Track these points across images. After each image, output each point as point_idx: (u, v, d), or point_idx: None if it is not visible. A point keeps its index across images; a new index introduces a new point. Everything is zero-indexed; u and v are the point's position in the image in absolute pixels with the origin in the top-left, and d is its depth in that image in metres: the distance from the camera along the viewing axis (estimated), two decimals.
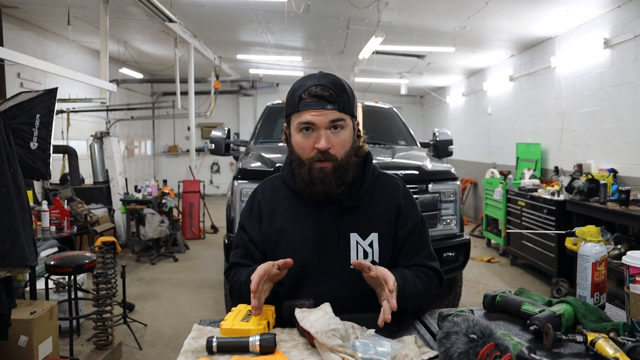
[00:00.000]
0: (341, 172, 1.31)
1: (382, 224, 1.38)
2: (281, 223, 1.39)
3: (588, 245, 1.30)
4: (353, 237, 1.36)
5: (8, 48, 4.87)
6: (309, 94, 1.29)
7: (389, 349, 1.00)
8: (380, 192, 1.42)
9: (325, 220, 1.37)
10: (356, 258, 1.34)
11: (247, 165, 3.56)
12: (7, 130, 2.34)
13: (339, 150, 1.31)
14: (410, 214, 1.42)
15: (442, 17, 5.88)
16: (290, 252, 1.33)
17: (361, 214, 1.38)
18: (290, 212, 1.40)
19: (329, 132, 1.30)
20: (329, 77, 1.33)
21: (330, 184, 1.30)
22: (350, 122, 1.34)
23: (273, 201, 1.43)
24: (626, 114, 4.76)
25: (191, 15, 6.72)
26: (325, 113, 1.28)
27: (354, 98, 1.38)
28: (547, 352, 1.05)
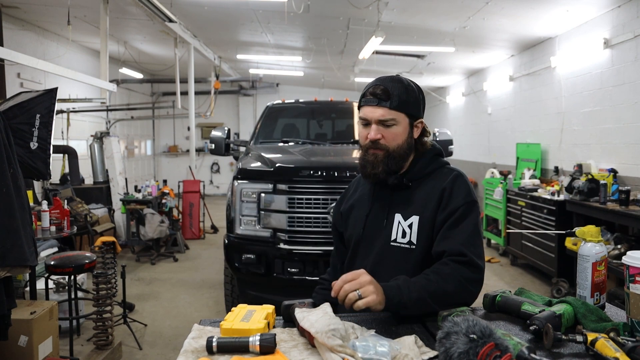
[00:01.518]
0: (391, 160, 1.48)
1: (425, 209, 1.48)
2: (352, 202, 1.65)
3: (588, 245, 1.30)
4: (397, 217, 1.50)
5: (8, 48, 4.87)
6: (369, 93, 1.49)
7: (388, 349, 1.00)
8: (434, 179, 1.53)
9: (378, 199, 1.56)
10: (395, 236, 1.49)
11: (247, 165, 3.56)
12: (7, 130, 2.34)
13: (390, 141, 1.48)
14: (454, 199, 1.45)
15: (442, 17, 5.88)
16: (352, 224, 1.60)
17: (407, 197, 1.52)
18: (360, 194, 1.65)
19: (380, 126, 1.48)
20: (393, 81, 1.51)
21: (379, 168, 1.48)
22: (405, 120, 1.50)
23: (357, 186, 1.70)
24: (626, 114, 4.76)
25: (191, 15, 6.72)
26: (376, 110, 1.47)
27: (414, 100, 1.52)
28: (547, 352, 1.05)
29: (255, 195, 3.36)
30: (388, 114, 1.46)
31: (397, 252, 1.46)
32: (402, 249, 1.46)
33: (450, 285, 1.30)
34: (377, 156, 1.49)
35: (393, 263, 1.45)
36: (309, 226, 3.29)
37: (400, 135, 1.49)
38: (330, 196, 3.27)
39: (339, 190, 3.27)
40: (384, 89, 1.47)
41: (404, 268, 1.41)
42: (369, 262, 1.49)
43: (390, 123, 1.47)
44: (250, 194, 3.38)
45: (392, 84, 1.49)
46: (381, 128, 1.47)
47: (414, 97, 1.51)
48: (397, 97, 1.46)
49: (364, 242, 1.55)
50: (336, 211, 1.72)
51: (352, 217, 1.62)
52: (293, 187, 3.30)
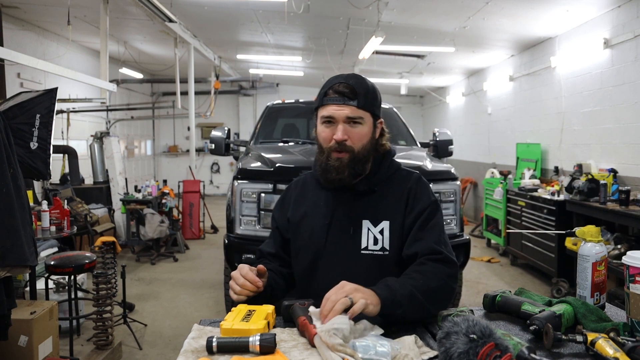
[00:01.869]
0: (356, 163, 1.42)
1: (394, 213, 1.44)
2: (304, 209, 1.52)
3: (588, 245, 1.30)
4: (365, 224, 1.43)
5: (8, 48, 4.87)
6: (333, 90, 1.41)
7: (389, 349, 1.00)
8: (396, 183, 1.50)
9: (340, 206, 1.46)
10: (367, 244, 1.42)
11: (247, 165, 3.56)
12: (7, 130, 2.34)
13: (356, 142, 1.41)
14: (419, 200, 1.46)
15: (442, 17, 5.88)
16: (309, 235, 1.48)
17: (374, 202, 1.46)
18: (313, 200, 1.52)
19: (347, 125, 1.40)
20: (356, 78, 1.44)
21: (344, 173, 1.41)
22: (370, 120, 1.44)
23: (302, 191, 1.58)
24: (626, 114, 4.76)
25: (191, 15, 6.72)
26: (344, 108, 1.39)
27: (378, 99, 1.48)
28: (547, 352, 1.05)
29: (255, 195, 3.36)
30: (356, 112, 1.40)
31: (370, 260, 1.40)
32: (374, 257, 1.41)
33: (434, 281, 1.30)
34: (341, 160, 1.40)
35: (365, 272, 1.37)
36: None
37: (366, 136, 1.43)
38: None
39: None
40: (349, 86, 1.40)
41: (378, 275, 1.31)
42: (335, 274, 1.33)
43: (358, 121, 1.41)
44: (250, 194, 3.38)
45: (355, 81, 1.42)
46: (347, 128, 1.40)
47: (376, 96, 1.47)
48: (363, 95, 1.41)
49: (326, 253, 1.44)
50: (281, 216, 1.58)
51: (306, 227, 1.49)
52: None
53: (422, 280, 1.29)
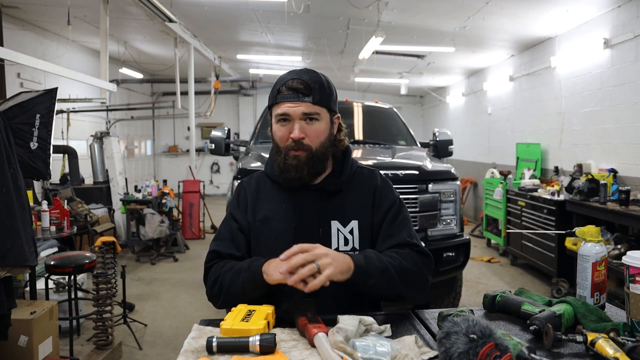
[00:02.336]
0: (315, 161, 1.37)
1: (362, 211, 1.42)
2: (264, 212, 1.44)
3: (588, 245, 1.30)
4: (334, 225, 1.40)
5: (8, 48, 4.87)
6: (286, 87, 1.36)
7: (389, 349, 1.00)
8: (359, 181, 1.47)
9: (306, 207, 1.41)
10: (337, 245, 1.39)
11: (247, 165, 3.56)
12: (7, 130, 2.34)
13: (314, 140, 1.37)
14: (385, 197, 1.46)
15: (442, 17, 5.88)
16: (272, 240, 1.40)
17: (341, 201, 1.42)
18: (273, 202, 1.45)
19: (304, 123, 1.36)
20: (309, 73, 1.39)
21: (303, 171, 1.36)
22: (326, 115, 1.40)
23: (258, 193, 1.48)
24: (626, 114, 4.76)
25: (191, 15, 6.72)
26: (299, 105, 1.35)
27: (333, 94, 1.43)
28: (547, 352, 1.05)
29: None
30: (311, 108, 1.35)
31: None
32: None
33: (409, 264, 1.33)
34: (299, 159, 1.36)
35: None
36: None
37: (323, 132, 1.39)
38: None
39: None
40: (303, 82, 1.36)
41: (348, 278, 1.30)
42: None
43: (314, 118, 1.36)
44: None
45: (308, 76, 1.38)
46: (304, 125, 1.36)
47: (332, 91, 1.42)
48: (318, 90, 1.36)
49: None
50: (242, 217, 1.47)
51: (269, 231, 1.42)
52: None
53: (400, 260, 1.32)
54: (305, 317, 1.14)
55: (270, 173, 1.48)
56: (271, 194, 1.47)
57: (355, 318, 1.11)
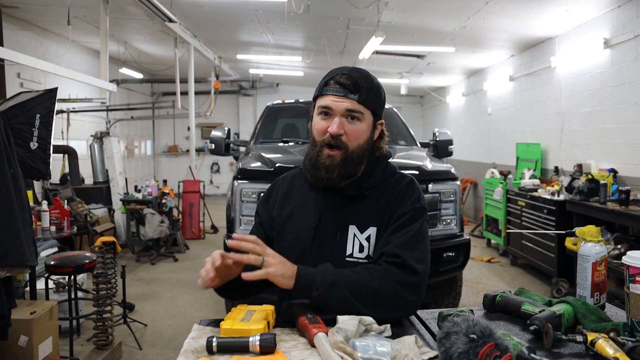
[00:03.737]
0: (348, 163, 1.32)
1: (382, 218, 1.35)
2: (290, 209, 1.44)
3: (588, 245, 1.30)
4: (351, 230, 1.36)
5: (8, 48, 4.87)
6: (334, 81, 1.33)
7: (389, 349, 1.00)
8: (388, 189, 1.39)
9: (328, 209, 1.38)
10: (352, 250, 1.35)
11: (247, 165, 3.56)
12: (7, 130, 2.34)
13: (352, 140, 1.32)
14: (402, 204, 1.35)
15: (442, 17, 5.88)
16: (294, 237, 1.40)
17: (364, 207, 1.38)
18: (301, 200, 1.44)
19: (345, 120, 1.32)
20: (360, 72, 1.35)
21: (334, 172, 1.32)
22: (369, 118, 1.35)
23: (289, 189, 1.48)
24: (626, 114, 4.76)
25: (191, 15, 6.72)
26: (344, 100, 1.31)
27: (382, 98, 1.39)
28: (547, 352, 1.05)
29: (255, 195, 3.36)
30: (356, 106, 1.31)
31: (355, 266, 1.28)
32: (359, 265, 1.30)
33: (377, 282, 1.21)
34: (333, 159, 1.31)
35: None
36: None
37: (363, 134, 1.34)
38: None
39: None
40: (353, 78, 1.31)
41: None
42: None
43: (356, 117, 1.32)
44: (250, 194, 3.38)
45: (359, 74, 1.33)
46: (344, 122, 1.31)
47: (380, 94, 1.38)
48: (365, 90, 1.32)
49: (310, 257, 1.35)
50: (266, 212, 1.49)
51: (292, 227, 1.41)
52: None
53: (364, 276, 1.22)
54: (305, 317, 1.13)
55: (303, 170, 1.46)
56: (301, 191, 1.46)
57: (355, 318, 1.11)
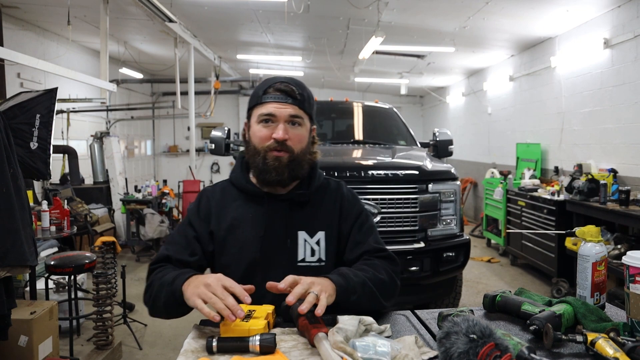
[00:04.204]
0: (296, 165, 1.37)
1: (329, 223, 1.43)
2: (230, 221, 1.41)
3: (588, 245, 1.30)
4: (301, 235, 1.40)
5: (8, 48, 4.86)
6: (274, 89, 1.37)
7: (389, 349, 1.00)
8: (326, 193, 1.48)
9: (273, 217, 1.40)
10: (303, 255, 1.39)
11: None
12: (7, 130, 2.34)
13: (296, 143, 1.37)
14: (352, 207, 1.47)
15: (442, 17, 5.88)
16: (238, 249, 1.39)
17: (309, 212, 1.42)
18: (240, 211, 1.43)
19: (288, 125, 1.36)
20: (295, 80, 1.41)
21: (284, 174, 1.35)
22: (308, 122, 1.42)
23: (222, 201, 1.45)
24: (626, 114, 4.76)
25: (191, 15, 6.72)
26: (286, 107, 1.35)
27: (314, 105, 1.46)
28: (547, 352, 1.05)
29: None
30: (298, 111, 1.37)
31: (306, 272, 1.31)
32: (311, 268, 1.38)
33: (382, 274, 1.34)
34: (280, 160, 1.35)
35: None
36: None
37: (305, 138, 1.40)
38: None
39: None
40: (292, 85, 1.37)
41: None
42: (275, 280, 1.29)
43: (297, 122, 1.37)
44: None
45: (295, 82, 1.40)
46: (288, 128, 1.36)
47: (314, 102, 1.46)
48: (304, 97, 1.39)
49: (260, 267, 1.37)
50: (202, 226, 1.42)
51: (234, 241, 1.40)
52: None
53: (372, 272, 1.33)
54: (305, 317, 1.13)
55: (237, 181, 1.46)
56: (237, 203, 1.44)
57: (355, 318, 1.11)
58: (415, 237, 3.38)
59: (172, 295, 1.22)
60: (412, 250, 3.29)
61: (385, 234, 3.31)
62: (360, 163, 3.58)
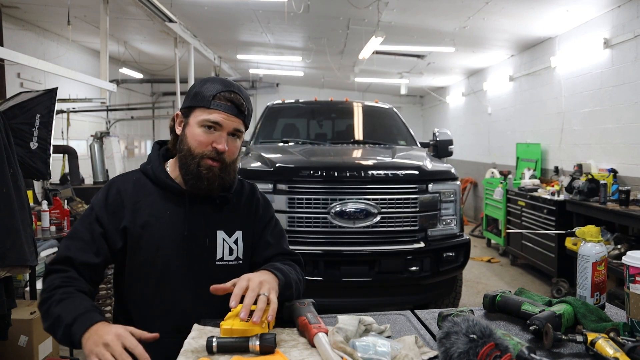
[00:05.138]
0: (226, 174, 1.38)
1: (246, 222, 1.47)
2: (146, 218, 1.37)
3: (588, 245, 1.30)
4: (219, 235, 1.41)
5: (8, 48, 4.86)
6: (224, 97, 1.34)
7: (389, 349, 1.00)
8: (242, 194, 1.51)
9: (193, 216, 1.39)
10: (222, 254, 1.41)
11: (247, 165, 3.56)
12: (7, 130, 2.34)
13: (231, 155, 1.38)
14: (266, 209, 1.53)
15: (442, 17, 5.88)
16: (155, 248, 1.36)
17: (227, 213, 1.44)
18: (156, 207, 1.39)
19: (229, 137, 1.36)
20: (242, 90, 1.40)
21: (215, 183, 1.36)
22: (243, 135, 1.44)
23: (136, 195, 1.39)
24: (626, 114, 4.76)
25: (191, 15, 6.72)
26: (233, 120, 1.35)
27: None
28: (547, 352, 1.05)
29: None
30: (241, 126, 1.38)
31: (224, 270, 1.38)
32: (229, 267, 1.40)
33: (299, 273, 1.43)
34: (213, 170, 1.34)
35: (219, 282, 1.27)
36: (309, 226, 3.30)
37: (239, 149, 1.42)
38: (330, 196, 3.27)
39: (339, 190, 3.27)
40: (242, 99, 1.36)
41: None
42: (188, 286, 1.36)
43: (237, 135, 1.38)
44: None
45: (244, 95, 1.39)
46: (229, 140, 1.36)
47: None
48: (249, 111, 1.39)
49: (179, 267, 1.37)
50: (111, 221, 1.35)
51: (151, 238, 1.35)
52: (293, 187, 3.31)
53: (293, 271, 1.40)
54: (305, 317, 1.14)
55: (155, 176, 1.41)
56: (152, 198, 1.39)
57: (355, 318, 1.11)
58: (415, 237, 3.37)
59: (68, 338, 1.14)
60: (412, 250, 3.29)
61: (385, 234, 3.32)
62: (360, 163, 3.58)
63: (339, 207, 3.25)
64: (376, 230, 3.30)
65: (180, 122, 1.44)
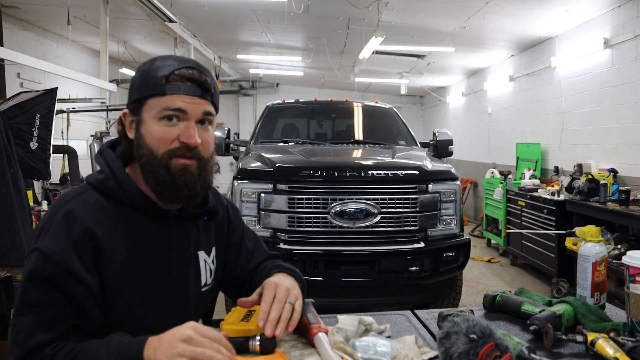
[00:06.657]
0: (205, 174, 1.07)
1: (219, 236, 1.25)
2: (125, 254, 1.02)
3: (588, 245, 1.30)
4: (201, 256, 1.17)
5: (8, 48, 4.87)
6: (180, 76, 1.02)
7: (389, 349, 1.00)
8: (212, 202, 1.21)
9: (174, 240, 1.10)
10: (205, 279, 1.19)
11: (247, 165, 3.56)
12: (7, 130, 2.34)
13: (207, 148, 1.07)
14: (238, 219, 1.33)
15: (442, 17, 5.88)
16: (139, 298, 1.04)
17: (202, 228, 1.19)
18: (132, 237, 1.04)
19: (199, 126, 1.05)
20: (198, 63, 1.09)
21: (196, 186, 1.06)
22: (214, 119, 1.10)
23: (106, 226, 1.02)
24: (626, 114, 4.76)
25: (191, 15, 6.72)
26: (200, 102, 1.04)
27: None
28: (547, 352, 1.05)
29: (255, 195, 3.36)
30: (211, 108, 1.07)
31: (205, 296, 1.20)
32: (209, 291, 1.21)
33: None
34: (188, 170, 1.03)
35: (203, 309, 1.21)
36: (309, 226, 3.29)
37: (213, 140, 1.10)
38: (330, 196, 3.26)
39: (339, 190, 3.27)
40: (203, 74, 1.05)
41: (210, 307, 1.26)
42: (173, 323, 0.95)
43: (209, 120, 1.07)
44: (250, 194, 3.38)
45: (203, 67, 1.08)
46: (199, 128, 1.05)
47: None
48: (214, 87, 1.07)
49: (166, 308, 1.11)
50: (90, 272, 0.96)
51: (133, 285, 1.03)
52: (293, 187, 3.31)
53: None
54: (305, 317, 1.14)
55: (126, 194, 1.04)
56: (123, 226, 1.03)
57: (355, 318, 1.11)
58: (416, 237, 3.37)
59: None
60: (412, 250, 3.29)
61: (386, 234, 3.32)
62: (361, 163, 3.58)
63: (339, 207, 3.25)
64: (376, 230, 3.30)
65: (131, 123, 1.07)
